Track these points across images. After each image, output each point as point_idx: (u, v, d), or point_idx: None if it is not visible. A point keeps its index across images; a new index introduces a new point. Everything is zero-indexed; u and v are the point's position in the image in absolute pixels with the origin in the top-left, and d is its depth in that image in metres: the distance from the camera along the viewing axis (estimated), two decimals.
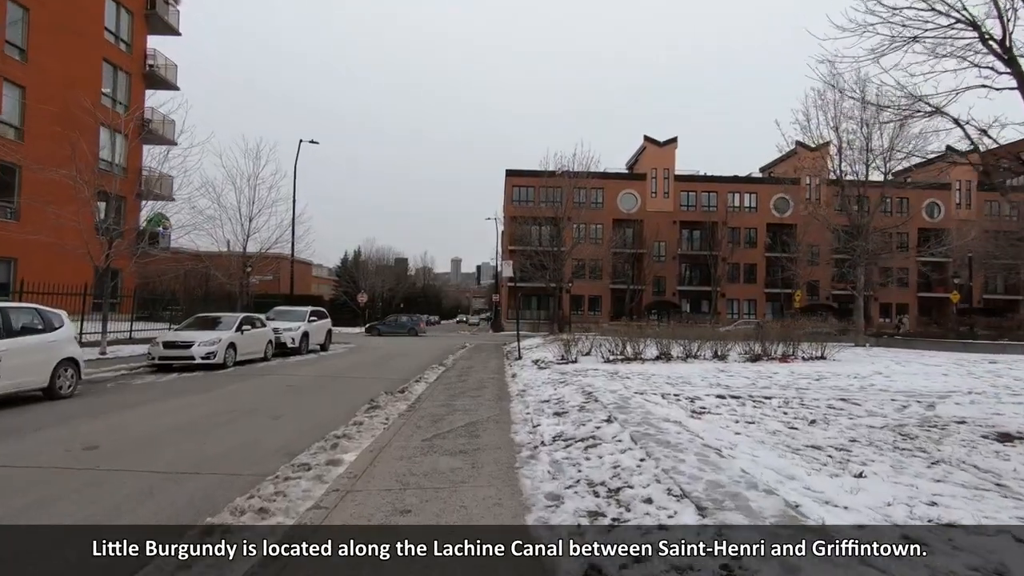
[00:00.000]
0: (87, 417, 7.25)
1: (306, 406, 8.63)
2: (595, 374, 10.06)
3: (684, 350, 13.48)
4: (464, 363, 15.84)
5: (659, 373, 10.18)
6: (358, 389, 10.58)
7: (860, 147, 19.71)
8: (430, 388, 10.31)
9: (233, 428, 6.83)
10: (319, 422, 7.20)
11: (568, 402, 7.23)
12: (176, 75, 27.80)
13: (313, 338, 20.18)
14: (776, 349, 13.72)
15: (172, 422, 7.07)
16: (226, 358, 13.81)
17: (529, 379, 10.59)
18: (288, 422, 7.26)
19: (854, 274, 20.11)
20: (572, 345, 13.16)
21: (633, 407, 6.55)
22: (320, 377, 12.40)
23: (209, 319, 15.57)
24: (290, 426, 6.97)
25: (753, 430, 5.84)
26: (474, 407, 7.92)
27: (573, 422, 6.09)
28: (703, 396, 7.52)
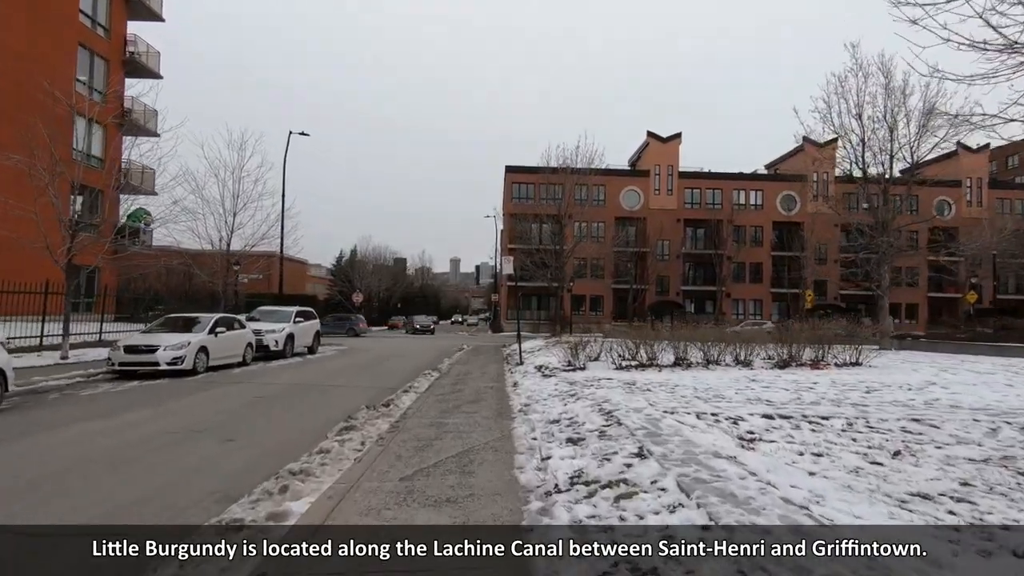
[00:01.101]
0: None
1: (269, 425, 7.30)
2: (609, 385, 8.74)
3: (703, 355, 12.17)
4: (460, 368, 14.52)
5: (683, 383, 8.86)
6: (337, 401, 9.26)
7: (884, 136, 18.44)
8: (419, 400, 8.99)
9: (169, 457, 5.50)
10: (278, 448, 5.88)
11: (584, 424, 5.90)
12: (159, 63, 26.44)
13: (299, 340, 18.85)
14: (803, 353, 12.41)
15: (97, 448, 5.74)
16: (196, 363, 12.47)
17: (533, 389, 9.27)
18: (240, 448, 5.93)
19: (879, 272, 18.81)
20: (579, 349, 11.84)
21: (667, 433, 5.23)
22: (297, 386, 11.07)
23: (181, 320, 14.23)
24: (239, 455, 5.64)
25: (827, 467, 4.53)
26: (469, 427, 6.60)
27: (594, 454, 4.76)
28: (746, 416, 6.20)
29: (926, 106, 17.52)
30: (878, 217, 18.30)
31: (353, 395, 9.96)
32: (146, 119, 25.68)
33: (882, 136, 18.39)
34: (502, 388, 10.26)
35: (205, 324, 13.55)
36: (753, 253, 48.86)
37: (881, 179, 18.58)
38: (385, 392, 10.01)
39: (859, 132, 18.62)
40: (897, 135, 18.13)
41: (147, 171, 25.53)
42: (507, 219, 47.11)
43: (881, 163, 18.50)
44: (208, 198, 21.92)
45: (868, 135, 18.38)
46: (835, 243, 49.78)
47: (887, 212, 18.28)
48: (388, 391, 10.18)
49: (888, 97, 18.42)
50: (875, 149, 18.68)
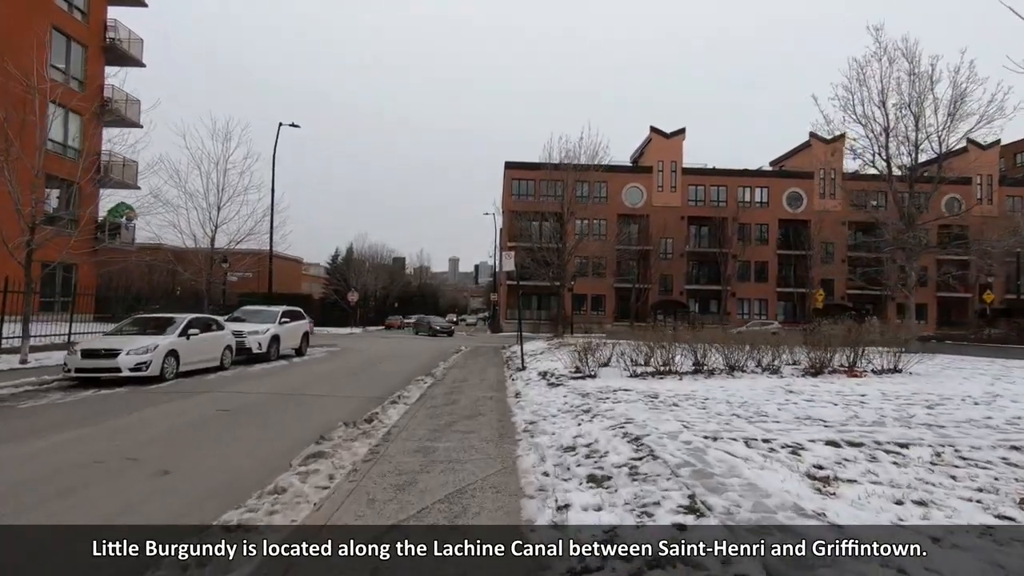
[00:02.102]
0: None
1: (224, 448, 6.09)
2: (628, 398, 7.55)
3: (725, 360, 10.98)
4: (457, 373, 13.33)
5: (713, 396, 7.67)
6: (314, 414, 8.07)
7: (909, 125, 17.27)
8: (408, 414, 7.80)
9: (70, 502, 4.28)
10: (223, 484, 4.69)
11: (606, 454, 4.71)
12: (142, 50, 25.19)
13: (286, 342, 17.65)
14: (833, 358, 11.21)
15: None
16: (164, 369, 11.27)
17: (538, 401, 8.08)
18: (173, 485, 4.73)
19: (908, 268, 17.61)
20: (588, 354, 10.64)
21: (719, 472, 4.04)
22: (274, 395, 9.86)
23: (151, 321, 13.04)
24: (165, 499, 4.42)
25: (946, 524, 3.34)
26: (463, 454, 5.41)
27: (626, 504, 3.58)
28: (805, 442, 5.02)
29: (955, 93, 16.39)
30: (904, 212, 17.13)
31: (334, 407, 8.78)
32: (127, 109, 24.49)
33: (907, 125, 17.24)
34: (503, 399, 9.07)
35: (177, 325, 12.35)
36: (758, 252, 47.70)
37: (907, 170, 17.41)
38: (371, 403, 8.83)
39: (883, 121, 17.46)
40: (924, 123, 16.97)
41: (128, 164, 24.34)
42: (507, 216, 45.89)
43: (907, 152, 17.34)
44: (191, 191, 20.71)
45: (892, 124, 17.22)
46: (842, 242, 48.69)
47: (914, 206, 17.12)
48: (374, 401, 9.01)
49: (913, 84, 17.26)
50: (899, 139, 17.53)
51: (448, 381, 11.64)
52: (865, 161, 17.43)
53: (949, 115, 16.53)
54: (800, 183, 48.69)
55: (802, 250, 47.09)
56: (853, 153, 17.98)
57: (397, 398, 9.34)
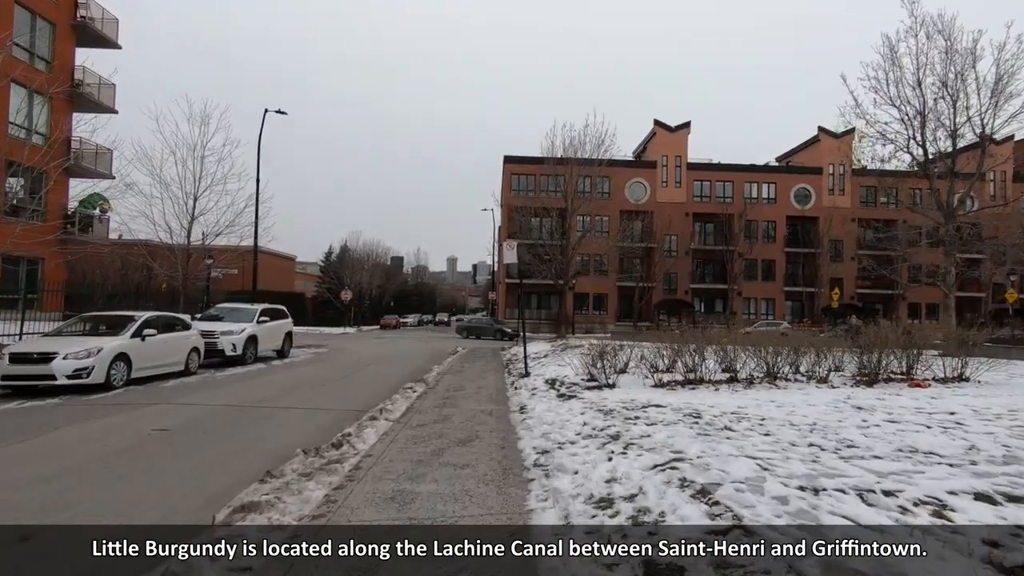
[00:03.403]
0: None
1: (132, 491, 4.52)
2: (663, 417, 6.02)
3: (764, 366, 9.46)
4: (452, 379, 11.79)
5: (770, 414, 6.13)
6: (271, 436, 6.53)
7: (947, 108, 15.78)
8: (388, 436, 6.26)
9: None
10: (93, 569, 3.14)
11: (664, 519, 3.19)
12: (117, 30, 23.57)
13: (265, 343, 16.11)
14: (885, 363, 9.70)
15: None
16: (111, 376, 9.72)
17: (549, 419, 6.55)
18: (24, 561, 3.19)
19: (948, 264, 16.11)
20: (604, 359, 9.10)
21: (859, 560, 2.50)
22: (233, 408, 8.30)
23: (102, 320, 11.50)
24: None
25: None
26: (454, 505, 3.89)
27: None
28: (942, 495, 3.50)
29: (1000, 71, 14.90)
30: (944, 203, 15.63)
31: (300, 424, 7.25)
32: (100, 94, 22.90)
33: (945, 107, 15.75)
34: (504, 414, 7.54)
35: (131, 325, 10.79)
36: (765, 249, 46.17)
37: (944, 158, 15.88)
38: (347, 419, 7.32)
39: (917, 103, 15.97)
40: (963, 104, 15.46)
41: (102, 151, 22.76)
42: (505, 213, 44.30)
43: (944, 138, 15.84)
44: (166, 180, 19.13)
45: (929, 106, 15.72)
46: (851, 239, 47.19)
47: (952, 196, 15.63)
48: (352, 416, 7.50)
49: (951, 62, 15.75)
50: (934, 123, 16.03)
51: (441, 390, 10.11)
52: (899, 147, 15.95)
53: (992, 96, 15.06)
54: (808, 179, 47.25)
55: (810, 248, 45.60)
56: (884, 139, 16.50)
57: (379, 412, 7.81)
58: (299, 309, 48.10)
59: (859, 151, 16.09)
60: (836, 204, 46.56)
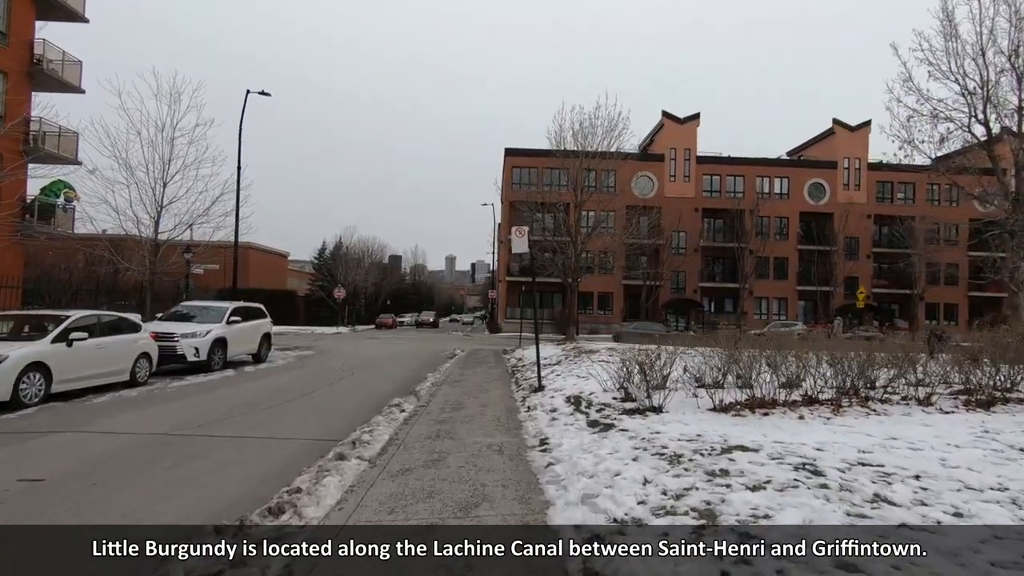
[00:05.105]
0: None
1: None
2: (759, 468, 4.05)
3: (834, 381, 7.48)
4: (449, 392, 9.80)
5: (922, 468, 4.14)
6: (181, 495, 4.52)
7: (1012, 82, 13.86)
8: (354, 494, 4.29)
9: None
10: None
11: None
12: (83, 3, 21.53)
13: (237, 346, 14.14)
14: (988, 377, 7.76)
15: None
16: (21, 390, 7.74)
17: (588, 470, 4.56)
18: None
19: (1015, 260, 14.18)
20: (646, 371, 7.11)
21: None
22: (157, 439, 6.30)
23: (24, 320, 9.51)
24: None
25: None
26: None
27: None
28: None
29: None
30: (1016, 189, 13.72)
31: (242, 465, 5.28)
32: (64, 71, 20.87)
33: (1010, 82, 13.83)
34: (519, 454, 5.55)
35: (54, 328, 8.80)
36: (778, 247, 44.19)
37: (1013, 136, 13.97)
38: (310, 453, 5.38)
39: (979, 77, 14.05)
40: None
41: (66, 134, 20.74)
42: (506, 208, 42.29)
43: (1009, 115, 13.91)
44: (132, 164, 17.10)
45: (994, 79, 13.81)
46: (867, 236, 45.28)
47: (1021, 182, 13.72)
48: (318, 450, 5.56)
49: (1019, 29, 13.82)
50: (998, 100, 14.11)
51: (435, 409, 8.12)
52: (958, 125, 14.03)
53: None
54: (823, 173, 45.33)
55: (825, 245, 43.65)
56: (937, 118, 14.57)
57: (352, 445, 5.85)
58: (291, 308, 46.09)
59: (912, 131, 14.10)
60: (852, 199, 44.65)
